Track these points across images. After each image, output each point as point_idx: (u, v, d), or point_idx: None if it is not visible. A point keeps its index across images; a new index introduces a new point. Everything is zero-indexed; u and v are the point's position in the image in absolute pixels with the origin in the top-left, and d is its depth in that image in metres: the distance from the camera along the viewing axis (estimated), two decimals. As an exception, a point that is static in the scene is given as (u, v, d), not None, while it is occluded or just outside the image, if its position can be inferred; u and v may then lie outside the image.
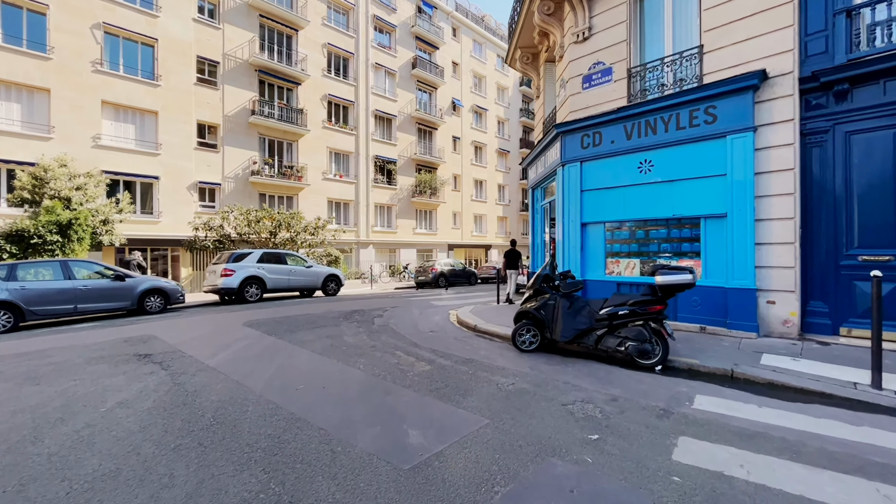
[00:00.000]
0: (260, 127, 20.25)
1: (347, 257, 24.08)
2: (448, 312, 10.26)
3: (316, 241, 18.90)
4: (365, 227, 24.70)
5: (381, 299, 13.37)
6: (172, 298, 10.99)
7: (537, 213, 10.83)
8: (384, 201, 25.86)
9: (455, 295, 15.16)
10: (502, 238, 35.34)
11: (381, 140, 25.76)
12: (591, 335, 5.38)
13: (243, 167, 19.74)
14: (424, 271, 20.23)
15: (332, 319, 8.69)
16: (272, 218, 17.05)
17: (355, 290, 18.13)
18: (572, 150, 7.83)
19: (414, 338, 6.83)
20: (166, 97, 17.50)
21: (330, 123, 23.25)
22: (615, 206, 7.31)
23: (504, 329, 7.09)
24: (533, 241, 11.04)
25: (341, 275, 15.46)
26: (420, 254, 28.39)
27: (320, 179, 22.63)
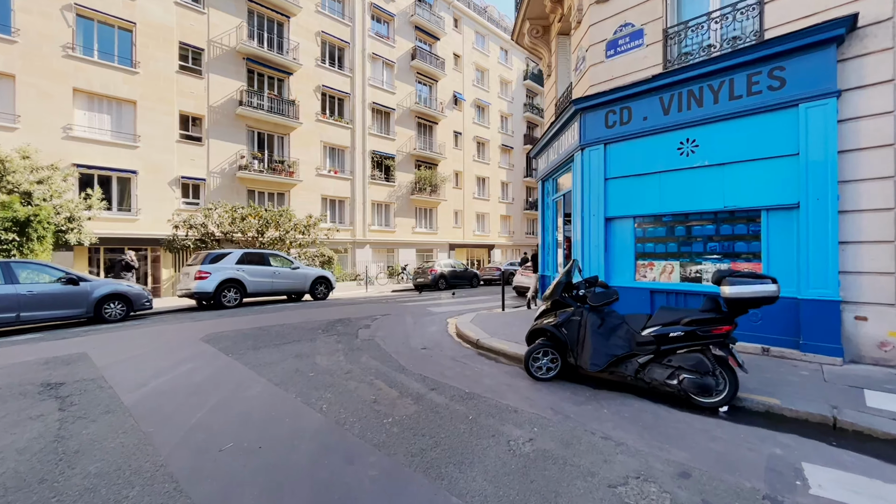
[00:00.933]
0: (248, 119, 19.02)
1: (343, 258, 22.84)
2: (446, 321, 8.97)
3: (307, 241, 17.65)
4: (361, 226, 23.45)
5: (374, 304, 12.09)
6: (136, 304, 9.75)
7: (548, 209, 9.53)
8: (382, 199, 24.60)
9: (455, 299, 13.87)
10: (505, 237, 34.03)
11: (379, 134, 24.50)
12: (629, 362, 4.09)
13: (230, 162, 18.51)
14: (423, 272, 18.95)
15: (310, 331, 7.41)
16: (258, 215, 15.81)
17: (349, 293, 16.86)
18: (594, 130, 6.53)
19: (402, 358, 5.55)
20: (145, 85, 16.28)
21: (324, 116, 22.00)
22: (648, 197, 6.00)
23: (513, 346, 5.80)
24: (543, 241, 9.74)
25: (331, 277, 14.19)
26: (420, 254, 27.12)
27: (314, 175, 21.38)
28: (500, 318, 8.86)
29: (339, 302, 12.91)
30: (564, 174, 8.33)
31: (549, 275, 9.31)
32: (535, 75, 37.20)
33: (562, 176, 8.52)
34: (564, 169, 8.15)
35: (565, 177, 8.34)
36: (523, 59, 36.61)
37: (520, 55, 36.25)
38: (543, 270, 9.69)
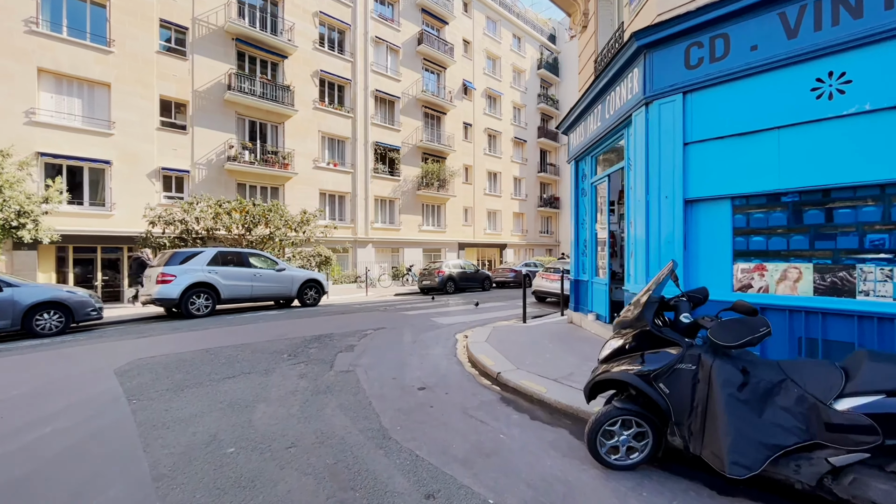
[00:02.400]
0: (238, 105, 17.32)
1: (343, 258, 21.05)
2: (455, 338, 7.05)
3: (300, 239, 15.86)
4: (363, 224, 21.64)
5: (370, 313, 10.21)
6: (79, 314, 8.02)
7: (583, 196, 7.54)
8: (385, 194, 22.77)
9: (466, 305, 11.94)
10: (518, 236, 31.97)
11: (383, 124, 22.68)
12: (806, 460, 2.11)
13: (217, 152, 16.83)
14: (430, 274, 17.05)
15: (273, 356, 5.54)
16: (244, 210, 14.05)
17: (345, 298, 15.04)
18: (667, 74, 4.54)
19: (387, 411, 3.64)
20: (121, 66, 14.65)
21: (322, 104, 20.24)
22: (757, 167, 4.00)
23: (555, 390, 3.85)
24: (577, 238, 7.75)
25: (323, 279, 12.36)
26: (426, 254, 25.22)
27: (311, 168, 19.63)
28: (523, 333, 6.90)
29: (329, 309, 11.05)
30: (611, 147, 6.33)
31: (585, 279, 7.32)
32: (549, 64, 35.08)
33: (607, 150, 6.53)
34: (611, 140, 6.16)
35: (613, 151, 6.35)
36: (537, 46, 34.53)
37: (533, 43, 34.18)
38: (578, 275, 7.69)
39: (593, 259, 7.08)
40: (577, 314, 7.52)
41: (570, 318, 7.82)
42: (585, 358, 5.11)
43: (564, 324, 7.79)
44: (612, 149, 6.33)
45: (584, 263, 7.50)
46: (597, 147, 6.73)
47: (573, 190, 7.78)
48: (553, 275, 12.47)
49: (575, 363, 4.90)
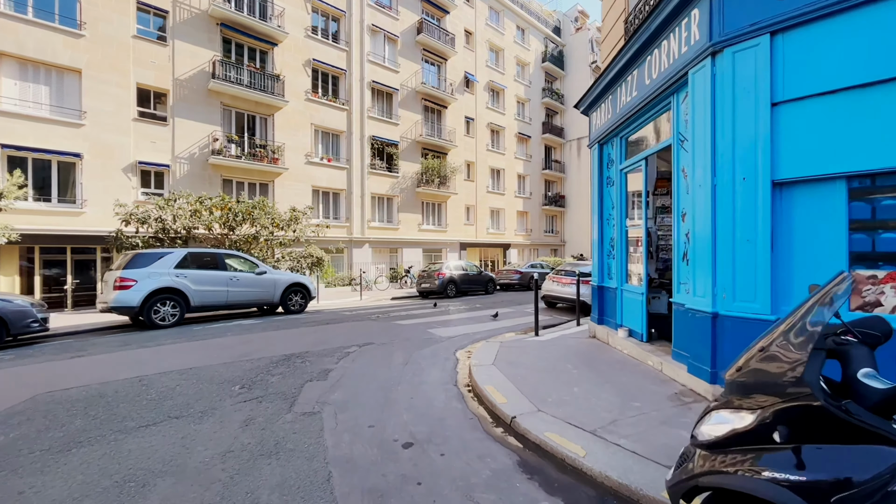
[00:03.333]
0: (223, 95, 16.14)
1: (337, 259, 19.85)
2: (455, 357, 5.84)
3: (289, 238, 14.66)
4: (359, 223, 20.44)
5: (360, 322, 9.00)
6: (15, 327, 6.85)
7: (608, 187, 6.31)
8: (383, 191, 21.56)
9: (468, 312, 10.71)
10: (523, 236, 30.71)
11: (380, 118, 21.47)
12: None
13: (201, 145, 15.65)
14: (429, 276, 15.84)
15: (221, 388, 4.32)
16: (225, 207, 12.86)
17: (338, 303, 13.84)
18: (745, 10, 3.31)
19: (352, 495, 2.40)
20: (94, 51, 13.49)
21: (315, 95, 19.04)
22: (890, 133, 2.76)
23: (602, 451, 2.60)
24: (601, 236, 6.51)
25: (310, 284, 11.16)
26: (427, 254, 24.01)
27: (303, 163, 18.43)
28: (537, 352, 5.67)
29: (315, 317, 9.85)
30: (650, 122, 5.09)
31: (612, 286, 6.08)
32: (554, 57, 33.82)
33: (643, 127, 5.28)
34: (650, 113, 4.92)
35: (651, 128, 5.11)
36: (541, 39, 33.27)
37: (538, 35, 32.92)
38: (602, 280, 6.45)
39: (623, 262, 5.83)
40: (601, 328, 6.28)
41: (593, 332, 6.58)
42: (627, 394, 3.88)
43: (585, 338, 6.55)
44: (652, 124, 5.08)
45: (610, 267, 6.26)
46: (629, 125, 5.49)
47: (596, 179, 6.54)
48: (565, 278, 11.23)
49: (616, 404, 3.66)
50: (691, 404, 3.55)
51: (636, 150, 5.55)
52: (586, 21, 37.39)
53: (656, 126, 5.00)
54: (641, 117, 5.13)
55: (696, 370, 3.77)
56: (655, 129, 5.02)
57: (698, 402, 3.56)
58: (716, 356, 3.53)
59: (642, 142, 5.40)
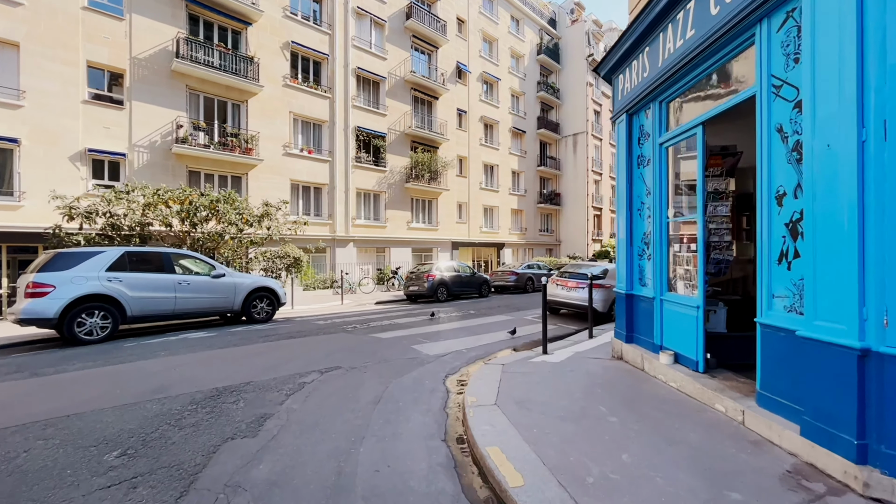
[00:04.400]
0: (190, 78, 14.54)
1: (318, 259, 18.32)
2: (444, 389, 4.45)
3: (260, 236, 13.13)
4: (343, 220, 18.91)
5: (331, 335, 7.55)
6: None
7: (642, 168, 4.95)
8: (369, 187, 20.06)
9: (460, 320, 9.31)
10: (517, 235, 29.41)
11: (366, 108, 19.96)
12: None
13: (163, 133, 14.03)
14: (417, 278, 14.42)
15: (86, 458, 2.85)
16: (185, 200, 11.28)
17: (314, 308, 12.35)
18: None
19: None
20: (35, 23, 11.82)
21: (294, 81, 17.49)
22: None
23: None
24: (628, 231, 5.14)
25: (278, 288, 9.68)
26: (416, 254, 22.57)
27: (280, 154, 16.87)
28: (553, 381, 4.28)
29: (280, 329, 8.36)
30: (710, 70, 3.74)
31: (647, 296, 4.72)
32: (549, 50, 32.60)
33: (697, 81, 3.94)
34: (715, 58, 3.57)
35: (714, 76, 3.76)
36: (537, 30, 32.02)
37: (533, 26, 31.66)
38: (632, 286, 5.09)
39: (662, 264, 4.48)
40: (631, 348, 4.92)
41: (619, 352, 5.22)
42: (710, 471, 2.50)
43: (608, 360, 5.19)
44: (715, 74, 3.73)
45: (642, 271, 4.90)
46: (675, 82, 4.14)
47: (624, 160, 5.17)
48: (571, 280, 9.89)
49: (702, 495, 2.28)
50: (830, 500, 2.18)
51: (686, 115, 4.20)
52: (582, 13, 36.27)
53: (722, 75, 3.64)
54: (697, 68, 3.78)
55: (820, 436, 2.41)
56: (721, 80, 3.67)
57: (839, 496, 2.19)
58: (865, 419, 2.18)
59: (696, 101, 4.04)
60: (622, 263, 5.23)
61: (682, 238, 4.31)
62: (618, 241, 5.39)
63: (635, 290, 5.01)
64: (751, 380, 3.66)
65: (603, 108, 35.06)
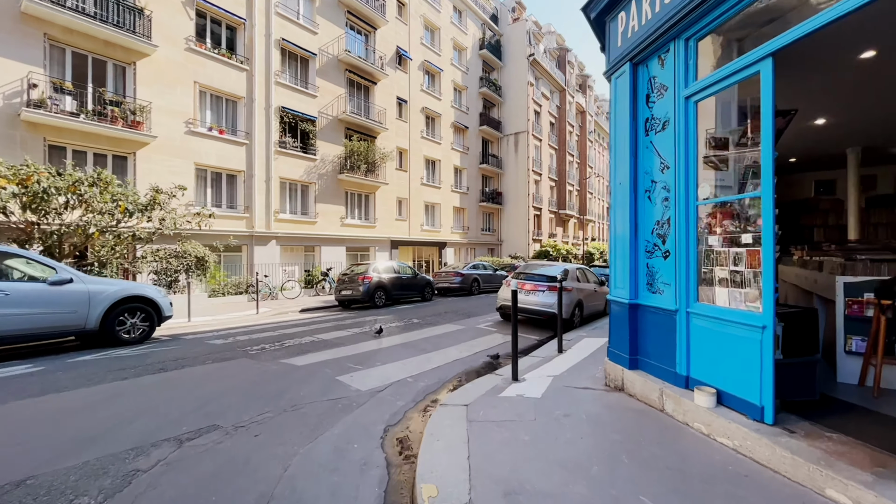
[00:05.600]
0: (50, 25, 11.24)
1: (232, 259, 15.54)
2: (383, 454, 2.77)
3: (147, 231, 10.40)
4: (264, 213, 16.27)
5: (224, 364, 5.51)
6: None
7: (654, 134, 3.70)
8: (296, 176, 17.57)
9: (403, 333, 7.64)
10: (459, 234, 28.28)
11: (293, 86, 17.46)
12: None
13: (7, 93, 10.65)
14: (352, 281, 12.49)
15: None
16: (26, 178, 8.33)
17: (221, 319, 9.94)
18: None
19: None
20: None
21: (202, 46, 14.60)
22: None
23: None
24: (633, 222, 3.86)
25: (159, 296, 7.30)
26: (352, 253, 20.43)
27: (182, 132, 13.92)
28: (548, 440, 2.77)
29: (152, 356, 6.10)
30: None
31: (666, 308, 3.46)
32: (492, 46, 31.98)
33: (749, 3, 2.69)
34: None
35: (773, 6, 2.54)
36: (479, 25, 31.23)
37: (475, 20, 30.80)
38: (637, 294, 3.82)
39: (689, 264, 3.24)
40: (639, 377, 3.65)
41: (619, 382, 3.94)
42: None
43: (607, 394, 3.89)
44: None
45: (653, 272, 3.65)
46: (719, 5, 2.89)
47: (624, 125, 3.90)
48: (528, 283, 8.66)
49: None
50: None
51: (729, 54, 2.96)
52: (523, 13, 36.26)
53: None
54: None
55: None
56: None
57: None
58: None
59: (751, 29, 2.82)
60: (621, 263, 3.95)
61: (720, 227, 3.09)
62: (613, 236, 4.11)
63: (642, 299, 3.75)
64: (846, 435, 2.48)
65: (543, 109, 35.26)
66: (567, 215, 39.16)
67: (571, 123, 40.86)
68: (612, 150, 4.16)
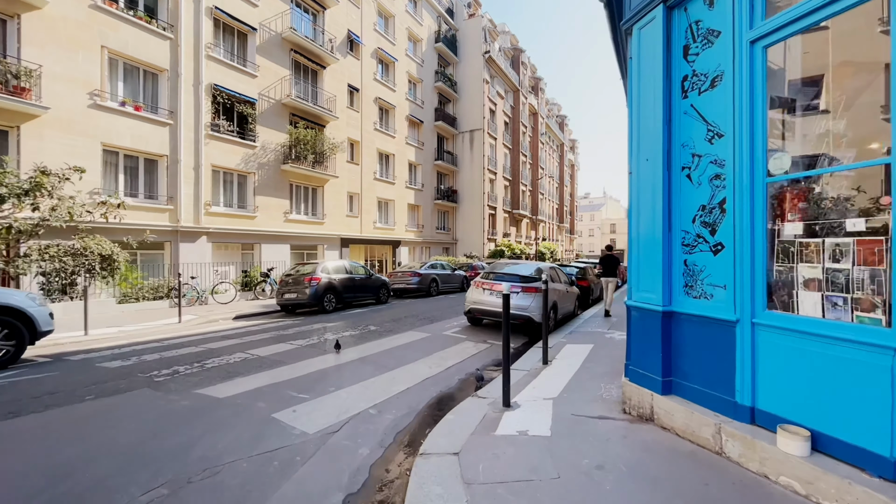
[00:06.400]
0: None
1: (152, 258, 13.31)
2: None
3: (29, 223, 8.30)
4: (192, 205, 14.14)
5: (117, 398, 4.05)
6: None
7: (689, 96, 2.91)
8: (232, 165, 15.54)
9: (358, 345, 6.45)
10: (414, 232, 27.14)
11: (228, 62, 15.40)
12: None
13: None
14: (296, 282, 11.00)
15: None
16: None
17: (131, 331, 8.06)
18: None
19: None
20: None
21: (111, 5, 12.24)
22: None
23: None
24: (666, 208, 3.04)
25: (30, 308, 5.55)
26: (297, 252, 18.60)
27: (85, 105, 11.57)
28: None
29: (10, 390, 4.46)
30: None
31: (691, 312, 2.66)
32: (447, 39, 31.18)
33: None
34: None
35: None
36: (435, 17, 30.29)
37: (431, 11, 29.82)
38: (668, 300, 3.00)
39: (756, 260, 2.46)
40: (678, 406, 2.84)
41: (647, 410, 3.12)
42: None
43: (636, 427, 3.05)
44: None
45: (694, 272, 2.86)
46: None
47: (654, 86, 3.09)
48: (501, 283, 7.80)
49: None
50: None
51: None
52: (479, 9, 35.83)
53: None
54: None
55: None
56: None
57: None
58: None
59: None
60: (647, 261, 3.14)
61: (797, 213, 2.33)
62: (634, 227, 3.30)
63: (678, 306, 2.95)
64: None
65: (497, 108, 35.04)
66: (520, 215, 39.34)
67: (525, 124, 41.16)
68: (632, 120, 3.34)
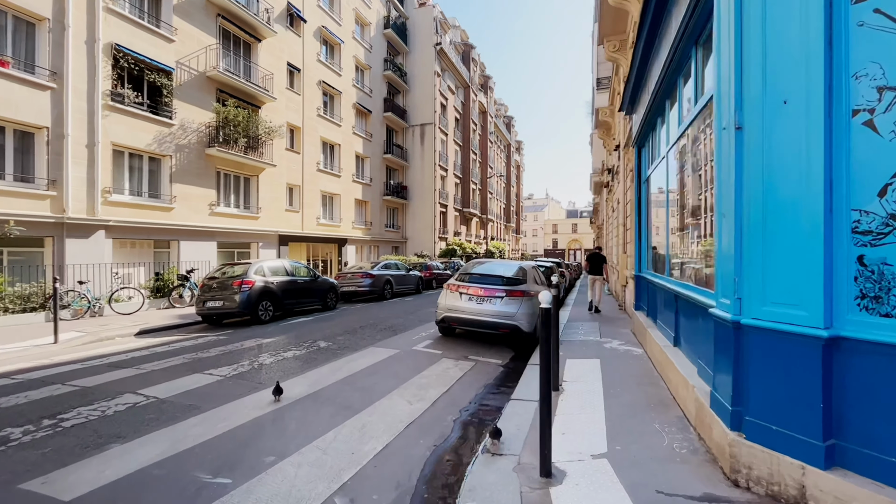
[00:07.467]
0: None
1: (30, 256, 10.40)
2: None
3: None
4: (84, 192, 11.33)
5: None
6: None
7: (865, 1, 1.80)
8: (142, 145, 12.81)
9: (305, 371, 4.87)
10: (362, 230, 25.17)
11: (135, 19, 12.67)
12: None
13: None
14: (222, 286, 8.97)
15: None
16: None
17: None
18: None
19: None
20: None
21: (-37, -76, 9.34)
22: None
23: None
24: (827, 176, 1.99)
25: None
26: (226, 251, 16.04)
27: (-82, 53, 8.60)
28: None
29: None
30: None
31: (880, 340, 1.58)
32: (397, 26, 29.54)
33: None
34: None
35: None
36: (384, 1, 28.48)
37: (380, -5, 28.01)
38: (829, 320, 1.91)
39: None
40: (864, 492, 1.75)
41: (798, 492, 2.01)
42: None
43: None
44: None
45: (884, 274, 1.78)
46: None
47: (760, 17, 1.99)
48: (480, 287, 6.56)
49: None
50: None
51: None
52: None
53: None
54: None
55: None
56: None
57: None
58: None
59: None
60: (789, 253, 2.04)
61: None
62: (743, 206, 2.20)
63: (851, 329, 1.87)
64: None
65: (448, 103, 34.01)
66: (471, 213, 38.68)
67: (475, 122, 40.60)
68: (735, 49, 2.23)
